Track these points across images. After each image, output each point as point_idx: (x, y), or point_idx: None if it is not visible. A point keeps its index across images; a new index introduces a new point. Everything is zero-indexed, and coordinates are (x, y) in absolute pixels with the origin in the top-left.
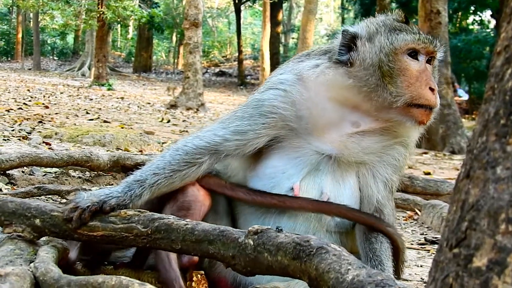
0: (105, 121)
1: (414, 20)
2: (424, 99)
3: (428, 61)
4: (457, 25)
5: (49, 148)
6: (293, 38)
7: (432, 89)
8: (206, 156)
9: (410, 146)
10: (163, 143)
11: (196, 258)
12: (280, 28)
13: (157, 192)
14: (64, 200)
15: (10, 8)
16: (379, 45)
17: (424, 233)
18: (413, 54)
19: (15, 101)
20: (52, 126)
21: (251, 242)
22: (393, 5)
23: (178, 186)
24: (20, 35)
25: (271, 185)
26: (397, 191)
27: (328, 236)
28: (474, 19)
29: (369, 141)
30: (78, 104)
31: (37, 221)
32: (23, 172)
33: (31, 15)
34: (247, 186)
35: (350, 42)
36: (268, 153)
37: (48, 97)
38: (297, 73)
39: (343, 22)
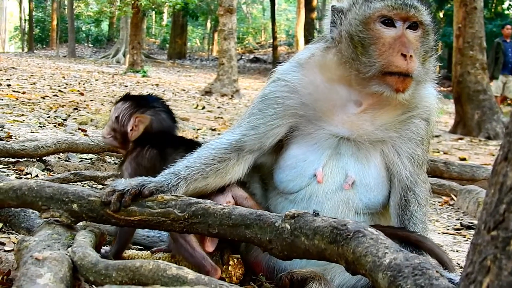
0: None
1: (449, 5)
2: (394, 66)
3: (413, 27)
4: (493, 10)
5: (84, 135)
6: None
7: (404, 55)
8: (231, 153)
9: (431, 119)
10: (198, 129)
11: None
12: (314, 14)
13: (192, 185)
14: (100, 186)
15: None
16: (351, 16)
17: (460, 219)
18: (388, 21)
19: (51, 88)
20: (88, 112)
21: (288, 226)
22: None
23: (213, 183)
24: (55, 23)
25: (294, 175)
26: (433, 176)
27: (359, 218)
28: (509, 4)
29: (382, 118)
30: (113, 91)
31: (75, 206)
32: (59, 158)
33: (66, 2)
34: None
35: (338, 18)
36: (287, 145)
37: (83, 84)
38: (296, 60)
39: None
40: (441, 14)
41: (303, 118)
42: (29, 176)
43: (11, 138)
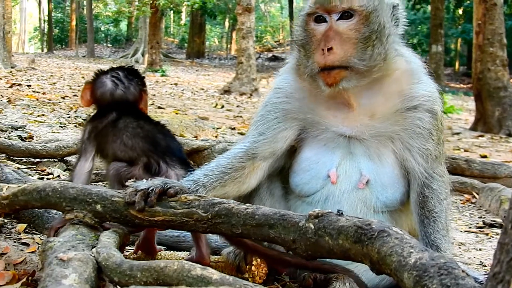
0: (159, 107)
1: (468, 2)
2: (316, 62)
3: (347, 16)
4: None
5: None
6: None
7: (323, 49)
8: (246, 162)
9: (435, 109)
10: (217, 128)
11: None
12: None
13: (211, 193)
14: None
15: None
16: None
17: (482, 217)
18: (320, 17)
19: (70, 88)
20: None
21: (312, 226)
22: None
23: (231, 192)
24: (74, 23)
25: (309, 178)
26: (454, 174)
27: (378, 217)
28: None
29: (379, 110)
30: None
31: (98, 206)
32: None
33: (85, 2)
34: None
35: None
36: (300, 148)
37: None
38: (286, 69)
39: None
40: (460, 11)
41: (306, 121)
42: (50, 176)
43: (33, 139)
